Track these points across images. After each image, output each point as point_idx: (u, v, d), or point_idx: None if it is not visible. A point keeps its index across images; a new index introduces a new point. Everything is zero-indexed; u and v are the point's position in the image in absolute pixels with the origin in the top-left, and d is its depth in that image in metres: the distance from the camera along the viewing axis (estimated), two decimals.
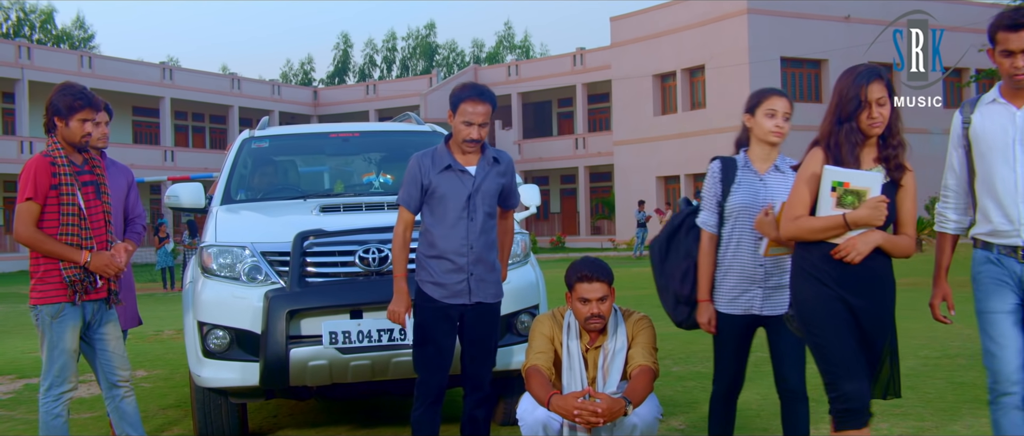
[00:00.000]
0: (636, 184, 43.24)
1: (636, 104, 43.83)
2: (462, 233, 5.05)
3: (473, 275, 5.07)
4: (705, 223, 4.91)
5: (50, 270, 5.09)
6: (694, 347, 9.72)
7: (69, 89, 5.18)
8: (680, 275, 4.96)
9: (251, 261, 5.93)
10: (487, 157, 5.16)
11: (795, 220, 4.23)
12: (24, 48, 44.48)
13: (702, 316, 4.90)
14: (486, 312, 5.17)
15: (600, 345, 5.02)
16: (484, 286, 5.11)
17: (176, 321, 14.78)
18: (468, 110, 5.02)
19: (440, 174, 5.07)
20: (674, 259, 5.00)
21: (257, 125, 8.08)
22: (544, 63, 54.83)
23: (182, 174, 38.44)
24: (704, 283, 4.88)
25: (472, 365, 5.21)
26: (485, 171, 5.12)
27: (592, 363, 5.01)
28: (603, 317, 4.98)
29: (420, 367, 5.14)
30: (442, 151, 5.14)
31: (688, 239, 4.98)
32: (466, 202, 5.05)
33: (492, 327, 5.22)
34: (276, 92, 57.74)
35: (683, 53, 41.27)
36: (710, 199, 4.97)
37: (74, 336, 5.12)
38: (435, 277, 5.07)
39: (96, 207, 5.22)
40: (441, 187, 5.06)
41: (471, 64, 69.21)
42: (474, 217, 5.06)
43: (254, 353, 5.78)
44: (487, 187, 5.12)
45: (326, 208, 6.56)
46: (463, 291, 5.07)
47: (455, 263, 5.04)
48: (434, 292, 5.08)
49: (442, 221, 5.07)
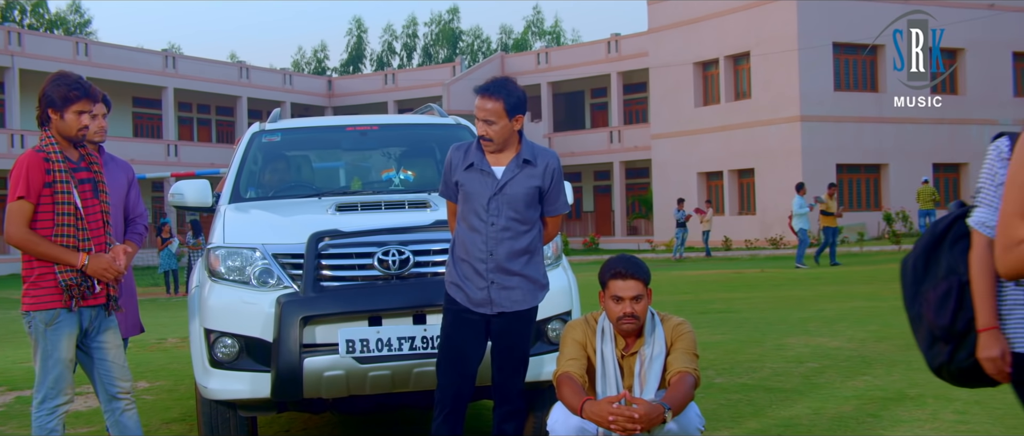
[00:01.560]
0: (675, 181, 43.12)
1: (675, 94, 43.70)
2: (483, 238, 5.09)
3: (494, 284, 5.09)
4: (984, 224, 3.58)
5: (44, 274, 5.08)
6: (738, 357, 9.67)
7: (64, 79, 5.17)
8: (938, 300, 3.78)
9: (262, 264, 5.93)
10: (518, 158, 5.17)
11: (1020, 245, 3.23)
12: (14, 34, 44.66)
13: (990, 349, 3.55)
14: (515, 321, 5.17)
15: (636, 351, 4.99)
16: (508, 294, 5.11)
17: (181, 328, 14.82)
18: (476, 106, 5.16)
19: (465, 171, 5.16)
20: (932, 279, 3.86)
21: (268, 118, 8.09)
22: (576, 50, 54.80)
23: (186, 170, 38.69)
24: (987, 303, 3.58)
25: (500, 376, 5.22)
26: (512, 173, 5.14)
27: (628, 370, 4.99)
28: (637, 318, 4.93)
29: (438, 371, 5.20)
30: (473, 147, 5.23)
31: (953, 252, 3.79)
32: (487, 204, 5.07)
33: (522, 336, 5.23)
34: (288, 82, 57.94)
35: (726, 39, 41.12)
36: (992, 191, 3.62)
37: (70, 345, 5.12)
38: (458, 280, 5.13)
39: (94, 206, 5.22)
40: (466, 185, 5.16)
41: (498, 52, 69.19)
42: (495, 221, 5.08)
43: (265, 363, 5.78)
44: (514, 191, 5.13)
45: (342, 207, 6.55)
46: (484, 300, 5.10)
47: (477, 269, 5.09)
48: (457, 295, 5.13)
49: (465, 222, 5.15)
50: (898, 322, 11.76)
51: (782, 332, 11.40)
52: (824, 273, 22.38)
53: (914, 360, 8.94)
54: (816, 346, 10.19)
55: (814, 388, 8.01)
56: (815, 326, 11.87)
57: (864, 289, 17.21)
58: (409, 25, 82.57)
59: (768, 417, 7.12)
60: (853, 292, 16.69)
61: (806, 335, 11.07)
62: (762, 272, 24.28)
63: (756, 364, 9.27)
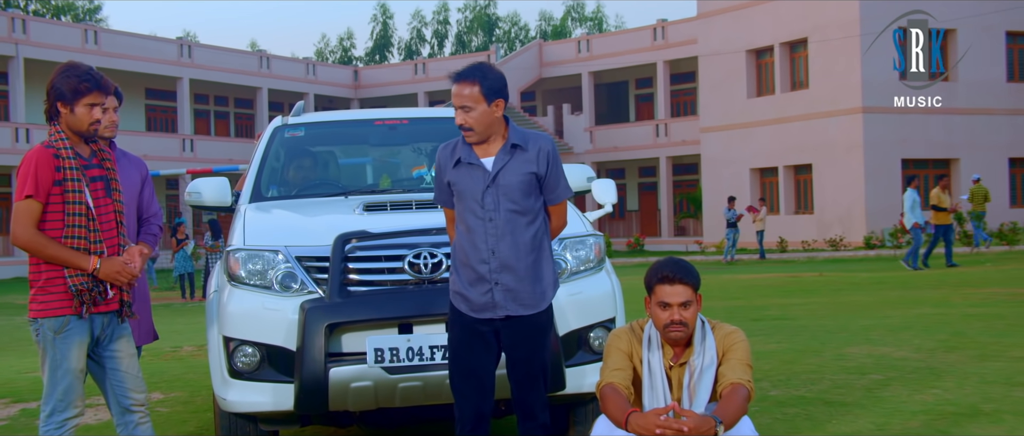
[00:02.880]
0: (726, 178, 42.98)
1: (726, 85, 43.56)
2: (481, 237, 5.04)
3: (499, 285, 5.03)
4: None
5: (53, 278, 5.10)
6: (795, 368, 9.62)
7: (73, 70, 5.17)
8: None
9: (285, 267, 5.95)
10: (507, 144, 5.13)
11: None
12: (19, 20, 44.90)
13: None
14: (526, 327, 5.11)
15: (685, 361, 4.95)
16: (515, 297, 5.06)
17: (197, 336, 14.90)
18: (453, 94, 5.11)
19: (454, 169, 5.11)
20: None
21: (291, 111, 8.12)
22: (619, 38, 54.75)
23: (203, 166, 38.89)
24: None
25: (519, 390, 5.16)
26: (503, 161, 5.08)
27: (677, 382, 4.95)
28: (686, 325, 4.87)
29: (453, 389, 5.16)
30: (460, 143, 5.17)
31: None
32: (482, 199, 5.04)
33: (538, 346, 5.17)
34: (311, 72, 58.19)
35: (782, 24, 40.94)
36: None
37: (81, 354, 5.13)
38: (460, 288, 5.08)
39: (106, 206, 5.23)
40: (458, 183, 5.10)
41: (536, 39, 69.19)
42: (493, 217, 5.03)
43: (288, 373, 5.79)
44: (507, 180, 5.07)
45: (370, 206, 6.57)
46: (488, 304, 5.05)
47: (477, 272, 5.03)
48: (461, 305, 5.09)
49: (462, 224, 5.10)
50: (970, 330, 11.69)
51: (842, 341, 11.33)
52: (903, 277, 22.21)
53: (989, 372, 8.87)
54: (880, 356, 10.12)
55: (877, 402, 7.95)
56: (879, 334, 11.79)
57: (932, 294, 17.08)
58: (440, 11, 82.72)
59: (827, 432, 7.08)
60: (920, 298, 16.57)
61: (869, 344, 11.00)
62: (821, 276, 24.15)
63: (814, 375, 9.21)
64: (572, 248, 6.20)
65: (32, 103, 43.18)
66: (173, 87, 50.47)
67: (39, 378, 5.26)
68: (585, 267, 6.18)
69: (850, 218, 38.10)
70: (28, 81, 43.55)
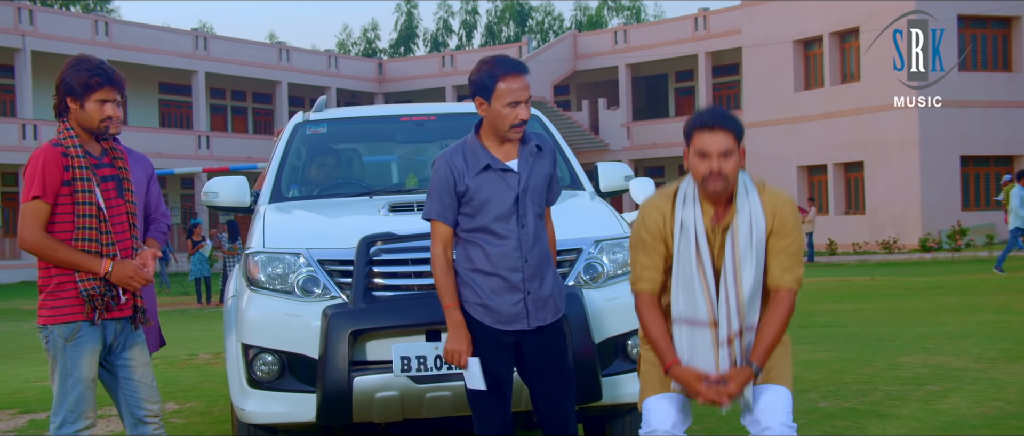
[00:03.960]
0: (772, 175, 42.77)
1: (772, 77, 43.44)
2: (514, 244, 5.04)
3: (530, 294, 5.05)
4: None
5: (63, 283, 5.11)
6: (845, 378, 9.59)
7: (83, 63, 5.18)
8: None
9: (306, 271, 5.96)
10: (529, 147, 5.15)
11: None
12: (25, 11, 45.04)
13: None
14: (551, 335, 5.14)
15: (728, 224, 4.71)
16: (544, 305, 5.08)
17: (214, 343, 14.96)
18: (512, 87, 5.04)
19: (478, 176, 5.07)
20: None
21: (313, 106, 8.14)
22: (658, 28, 54.66)
23: (219, 164, 38.98)
24: None
25: (547, 402, 5.16)
26: (529, 164, 5.12)
27: (718, 247, 4.71)
28: (726, 177, 4.62)
29: (477, 410, 5.14)
30: (476, 147, 5.13)
31: None
32: (514, 206, 5.05)
33: (564, 351, 5.20)
34: (333, 65, 58.36)
35: (831, 13, 40.79)
36: None
37: (92, 362, 5.15)
38: (484, 298, 5.05)
39: (119, 206, 5.25)
40: (482, 191, 5.05)
41: (570, 30, 69.17)
42: (525, 223, 5.05)
43: (310, 382, 5.80)
44: (535, 184, 5.13)
45: (396, 207, 6.58)
46: (520, 314, 5.05)
47: (509, 281, 5.03)
48: (484, 316, 5.06)
49: (486, 232, 5.07)
50: None
51: (896, 350, 11.28)
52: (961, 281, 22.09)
53: None
54: (936, 366, 10.08)
55: (934, 415, 7.92)
56: (935, 343, 11.73)
57: (993, 300, 16.98)
58: (468, 0, 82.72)
59: None
60: (980, 304, 16.49)
61: (925, 353, 10.95)
62: (873, 280, 24.05)
63: (866, 386, 9.18)
64: (609, 251, 6.18)
65: (40, 98, 43.33)
66: (188, 81, 50.65)
67: (48, 388, 5.28)
68: (622, 270, 6.17)
69: (904, 219, 37.91)
70: (35, 75, 43.75)
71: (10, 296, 32.29)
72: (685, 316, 4.63)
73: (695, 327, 4.62)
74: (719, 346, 4.58)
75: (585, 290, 5.89)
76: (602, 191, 7.40)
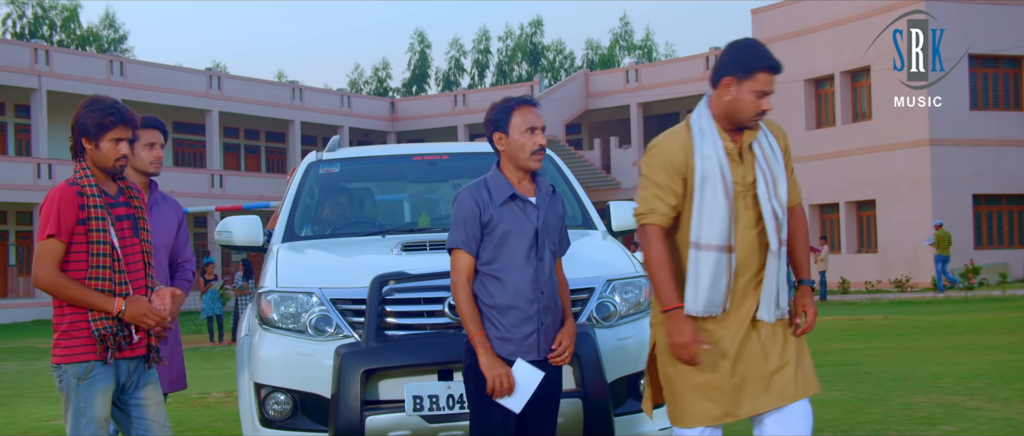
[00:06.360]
0: None
1: (784, 116, 43.39)
2: (531, 276, 5.07)
3: (543, 325, 5.08)
4: None
5: (77, 322, 5.11)
6: (859, 417, 9.55)
7: (97, 104, 5.20)
8: None
9: (319, 310, 5.97)
10: (544, 185, 5.23)
11: None
12: (42, 51, 45.29)
13: None
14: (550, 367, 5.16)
15: (750, 142, 4.93)
16: (549, 338, 5.13)
17: (226, 381, 14.95)
18: (527, 116, 5.15)
19: (502, 206, 5.10)
20: None
21: (326, 145, 8.17)
22: (670, 67, 54.75)
23: (233, 203, 39.10)
24: None
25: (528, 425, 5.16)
26: (546, 202, 5.19)
27: (748, 164, 4.90)
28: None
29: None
30: (499, 179, 5.18)
31: None
32: (534, 239, 5.08)
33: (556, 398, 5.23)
34: (345, 104, 58.54)
35: (843, 52, 40.82)
36: None
37: (106, 402, 5.15)
38: (503, 331, 5.06)
39: (133, 246, 5.25)
40: (504, 222, 5.08)
41: (582, 68, 69.31)
42: (543, 256, 5.10)
43: (322, 422, 5.81)
44: (551, 221, 5.20)
45: (409, 246, 6.59)
46: (533, 346, 5.08)
47: (526, 312, 5.06)
48: (501, 349, 5.06)
49: (508, 263, 5.08)
50: None
51: (909, 389, 11.24)
52: (974, 321, 22.02)
53: None
54: (950, 406, 10.03)
55: None
56: (949, 382, 11.69)
57: (1008, 340, 16.91)
58: (480, 39, 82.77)
59: None
60: (994, 343, 16.42)
61: (938, 393, 10.91)
62: (885, 319, 23.97)
63: (880, 426, 9.14)
64: (621, 290, 6.19)
65: (55, 137, 43.56)
66: (202, 120, 50.87)
67: (61, 427, 5.29)
68: (635, 310, 6.17)
69: (917, 258, 37.79)
70: (51, 114, 43.98)
71: (24, 334, 32.33)
72: (709, 242, 4.77)
73: (717, 253, 4.76)
74: (770, 259, 4.87)
75: (597, 330, 5.89)
76: (614, 230, 7.41)
